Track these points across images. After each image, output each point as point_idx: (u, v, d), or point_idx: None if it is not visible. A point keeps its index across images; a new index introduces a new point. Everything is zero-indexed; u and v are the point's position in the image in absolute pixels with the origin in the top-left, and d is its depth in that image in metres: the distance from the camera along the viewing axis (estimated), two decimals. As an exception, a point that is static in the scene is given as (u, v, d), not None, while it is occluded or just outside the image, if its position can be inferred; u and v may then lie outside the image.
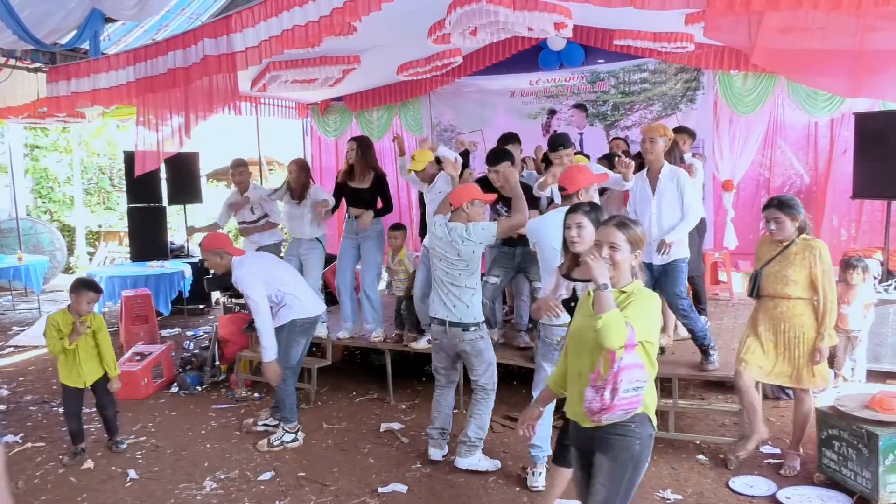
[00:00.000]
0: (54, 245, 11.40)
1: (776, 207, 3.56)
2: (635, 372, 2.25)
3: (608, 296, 2.25)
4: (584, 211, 2.93)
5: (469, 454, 3.95)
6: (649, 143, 4.30)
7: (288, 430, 4.46)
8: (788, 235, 3.55)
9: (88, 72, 4.85)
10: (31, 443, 4.60)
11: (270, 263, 4.54)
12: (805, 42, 3.52)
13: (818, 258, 3.48)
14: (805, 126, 6.61)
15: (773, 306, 3.63)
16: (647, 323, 2.34)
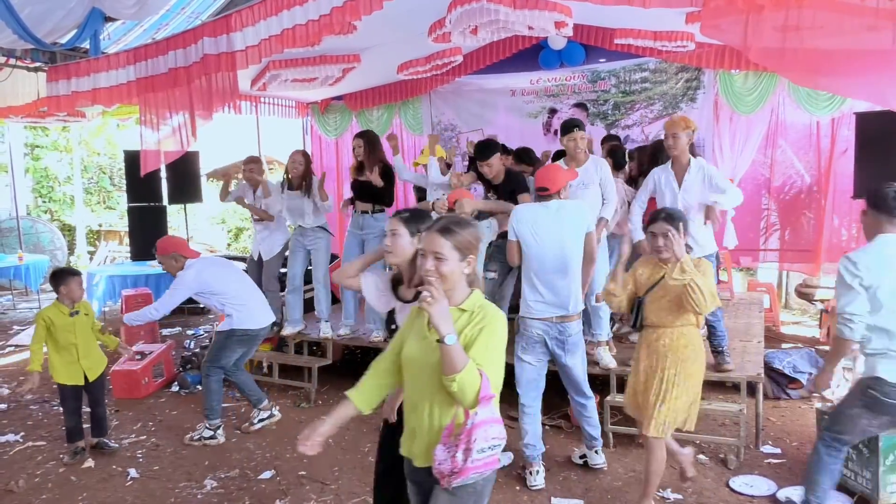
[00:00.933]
0: (55, 244, 11.41)
1: (665, 220, 3.07)
2: (492, 428, 1.94)
3: (457, 351, 1.89)
4: (401, 217, 2.55)
5: None
6: (672, 140, 4.21)
7: (207, 427, 4.50)
8: (681, 253, 3.04)
9: (88, 71, 4.85)
10: (31, 441, 4.61)
11: (219, 273, 4.48)
12: (803, 41, 3.51)
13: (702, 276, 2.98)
14: (806, 126, 6.60)
15: (656, 338, 3.18)
16: (499, 358, 2.02)
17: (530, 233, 3.64)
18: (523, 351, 3.74)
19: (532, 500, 3.63)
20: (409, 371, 2.13)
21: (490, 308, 2.06)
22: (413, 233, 2.48)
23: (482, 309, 2.06)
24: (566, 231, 3.64)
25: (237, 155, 15.99)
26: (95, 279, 7.65)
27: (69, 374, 4.19)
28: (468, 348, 1.94)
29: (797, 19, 3.41)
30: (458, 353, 1.89)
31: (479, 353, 1.95)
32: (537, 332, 3.67)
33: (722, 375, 4.30)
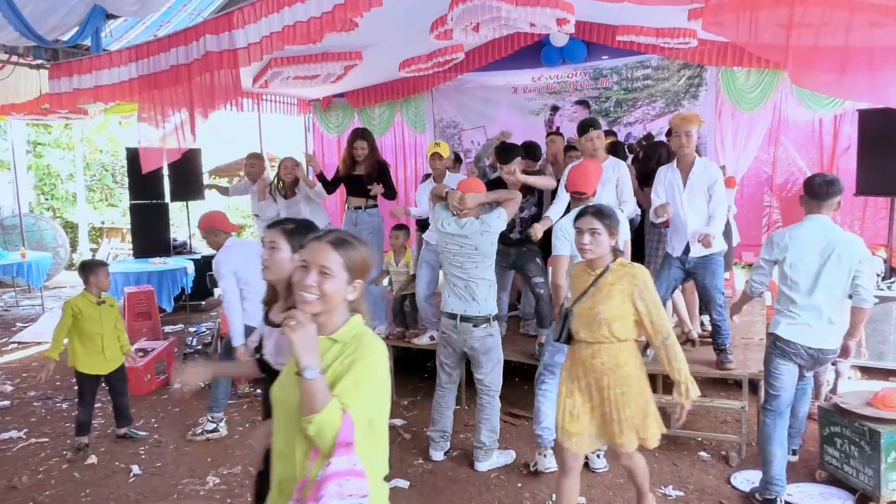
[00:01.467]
0: (57, 242, 11.43)
1: (593, 215, 2.79)
2: (350, 483, 1.59)
3: (318, 387, 1.59)
4: (283, 229, 2.22)
5: (487, 456, 3.97)
6: (685, 138, 4.08)
7: (210, 420, 4.52)
8: (602, 254, 2.80)
9: (90, 68, 4.87)
10: (34, 438, 4.62)
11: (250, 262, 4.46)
12: (806, 39, 3.49)
13: (641, 288, 2.73)
14: (808, 123, 6.59)
15: (591, 354, 2.82)
16: (372, 396, 1.69)
17: None
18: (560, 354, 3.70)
19: (533, 496, 3.64)
20: (276, 412, 1.81)
21: (367, 338, 1.75)
22: (295, 248, 2.16)
23: (357, 339, 1.73)
24: None
25: (239, 152, 16.03)
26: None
27: (92, 363, 4.25)
28: (335, 385, 1.65)
29: (801, 16, 3.40)
30: (319, 389, 1.59)
31: (346, 391, 1.63)
32: None
33: (724, 373, 4.30)
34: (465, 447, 4.19)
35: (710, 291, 4.25)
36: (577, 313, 2.84)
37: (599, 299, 2.78)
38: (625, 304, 2.74)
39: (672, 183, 4.24)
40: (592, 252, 2.78)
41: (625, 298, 2.74)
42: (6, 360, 6.65)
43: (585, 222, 2.79)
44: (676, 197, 4.22)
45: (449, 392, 4.09)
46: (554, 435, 3.70)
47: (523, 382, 5.16)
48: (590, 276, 2.85)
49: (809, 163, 6.67)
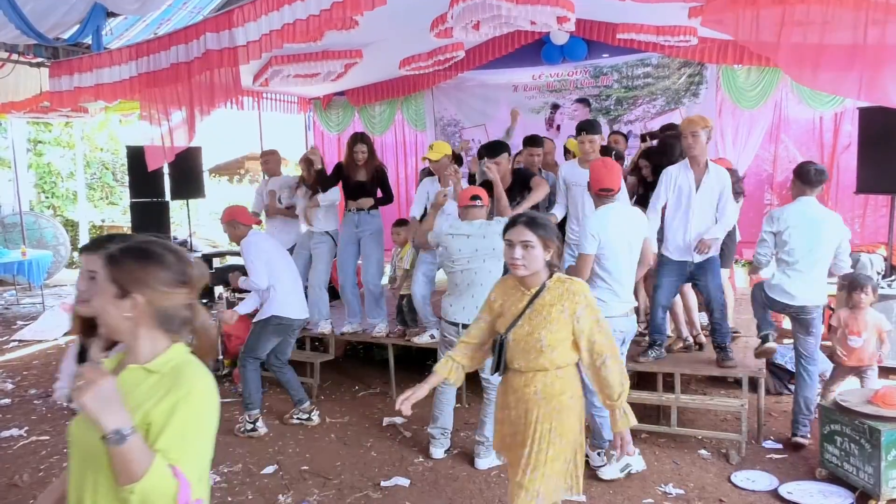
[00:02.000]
0: (58, 240, 11.43)
1: (525, 225, 2.38)
2: None
3: (132, 450, 1.28)
4: (106, 253, 1.54)
5: (488, 453, 3.96)
6: (692, 138, 4.08)
7: (247, 420, 4.53)
8: (536, 270, 2.40)
9: (91, 66, 4.87)
10: (35, 436, 4.63)
11: (276, 251, 4.57)
12: (807, 37, 3.49)
13: (583, 306, 2.37)
14: (809, 121, 6.59)
15: (524, 383, 2.44)
16: (202, 448, 1.44)
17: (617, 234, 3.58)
18: None
19: (534, 494, 3.64)
20: (72, 456, 1.48)
21: (188, 370, 1.45)
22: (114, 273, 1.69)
23: (177, 371, 1.42)
24: (633, 232, 3.66)
25: (240, 150, 16.05)
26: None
27: None
28: (154, 434, 1.34)
29: (802, 14, 3.40)
30: (134, 451, 1.27)
31: (172, 445, 1.33)
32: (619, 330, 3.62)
33: (724, 371, 4.30)
34: (466, 445, 4.20)
35: (711, 291, 4.25)
36: (514, 340, 2.43)
37: (539, 323, 2.38)
38: (566, 327, 2.37)
39: (683, 184, 4.19)
40: (525, 268, 2.38)
41: (566, 320, 2.37)
42: (7, 359, 6.66)
43: (516, 233, 2.38)
44: (685, 199, 4.18)
45: (449, 389, 4.08)
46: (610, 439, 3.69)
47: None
48: (524, 296, 2.45)
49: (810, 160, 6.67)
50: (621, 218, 3.65)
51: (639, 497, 3.57)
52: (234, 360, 5.81)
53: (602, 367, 2.37)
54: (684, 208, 4.19)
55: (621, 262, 3.61)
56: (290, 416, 4.73)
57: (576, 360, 2.46)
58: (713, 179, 4.14)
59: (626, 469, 3.73)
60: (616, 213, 3.65)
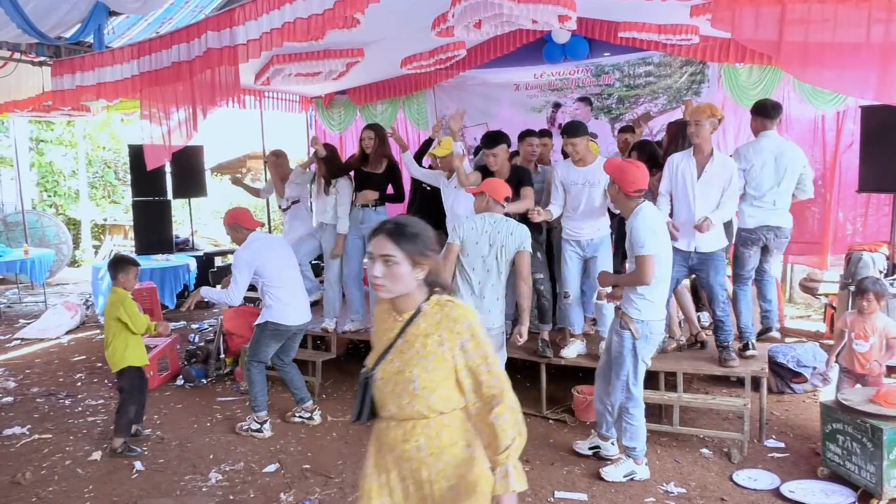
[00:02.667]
0: (60, 238, 11.45)
1: (388, 236, 1.90)
2: None
3: None
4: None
5: None
6: (695, 126, 4.12)
7: (254, 420, 4.53)
8: (403, 292, 1.93)
9: (93, 65, 4.87)
10: (38, 434, 4.64)
11: (276, 257, 4.50)
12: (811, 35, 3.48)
13: (466, 337, 1.89)
14: (811, 119, 6.56)
15: (403, 437, 1.93)
16: None
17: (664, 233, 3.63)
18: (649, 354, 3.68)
19: (536, 493, 3.64)
20: None
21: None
22: None
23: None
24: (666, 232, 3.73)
25: (242, 149, 16.07)
26: (100, 273, 7.68)
27: (140, 356, 4.35)
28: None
29: (804, 12, 3.39)
30: None
31: None
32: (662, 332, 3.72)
33: (726, 370, 4.30)
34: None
35: (714, 288, 4.25)
36: (382, 379, 1.95)
37: (411, 358, 1.90)
38: (445, 364, 1.88)
39: (685, 172, 4.20)
40: (387, 289, 1.90)
41: (444, 355, 1.88)
42: (9, 357, 6.67)
43: (377, 245, 1.90)
44: (689, 188, 4.19)
45: None
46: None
47: (526, 380, 5.16)
48: (395, 324, 1.97)
49: (812, 159, 6.64)
50: (662, 217, 3.74)
51: (640, 496, 3.57)
52: (236, 359, 5.83)
53: (491, 415, 1.85)
54: (686, 196, 4.19)
55: (669, 261, 3.65)
56: (291, 415, 4.73)
57: (459, 407, 1.93)
58: (717, 168, 4.13)
59: (629, 476, 3.73)
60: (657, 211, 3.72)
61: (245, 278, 4.30)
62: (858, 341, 3.93)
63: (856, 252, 5.35)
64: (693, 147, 4.21)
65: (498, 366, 1.91)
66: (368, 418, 2.01)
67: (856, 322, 3.95)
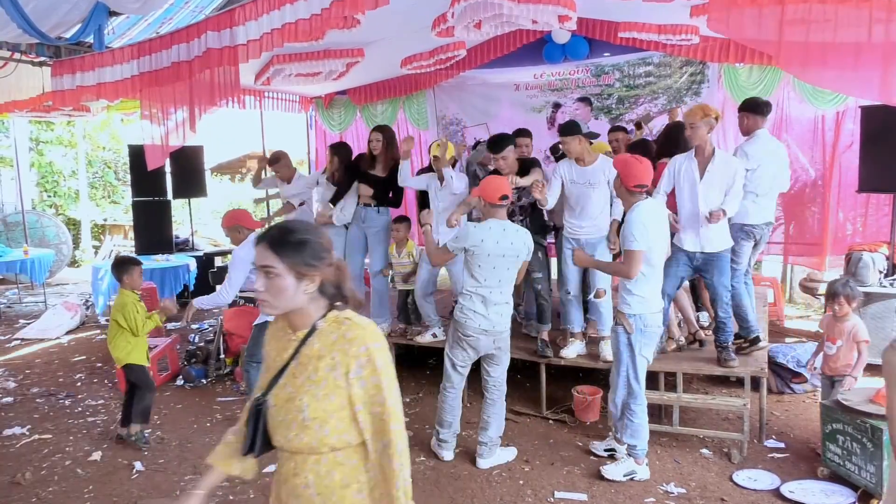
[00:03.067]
0: (60, 238, 11.45)
1: (268, 244, 1.66)
2: None
3: None
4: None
5: (491, 453, 3.99)
6: (690, 130, 4.14)
7: None
8: (290, 308, 1.70)
9: (93, 65, 4.87)
10: (37, 434, 4.64)
11: None
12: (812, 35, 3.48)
13: (363, 362, 1.64)
14: (811, 119, 6.57)
15: (293, 471, 1.69)
16: None
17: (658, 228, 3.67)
18: (646, 347, 3.69)
19: (536, 493, 3.64)
20: None
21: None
22: None
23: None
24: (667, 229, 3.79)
25: (242, 149, 16.07)
26: (100, 273, 7.68)
27: (144, 355, 4.41)
28: None
29: (805, 12, 3.39)
30: None
31: None
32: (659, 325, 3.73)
33: (726, 370, 4.30)
34: (467, 445, 4.20)
35: (718, 289, 4.24)
36: (275, 406, 1.70)
37: (302, 384, 1.66)
38: (339, 392, 1.63)
39: (688, 173, 4.21)
40: (269, 305, 1.68)
41: (337, 381, 1.63)
42: (9, 357, 6.67)
43: (258, 255, 1.68)
44: (690, 188, 4.19)
45: (457, 391, 4.04)
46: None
47: (525, 380, 5.16)
48: (290, 343, 1.73)
49: (812, 160, 6.65)
50: (661, 214, 3.76)
51: (640, 496, 3.57)
52: (236, 359, 5.83)
53: (384, 453, 1.64)
54: (690, 197, 4.19)
55: (662, 256, 3.72)
56: None
57: (358, 442, 1.67)
58: (719, 167, 4.12)
59: (629, 475, 3.73)
60: (656, 207, 3.74)
61: (240, 276, 4.29)
62: (828, 343, 3.99)
63: (856, 252, 5.35)
64: (694, 148, 4.21)
65: (393, 399, 1.65)
66: (262, 451, 1.73)
67: (830, 325, 4.01)
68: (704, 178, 4.14)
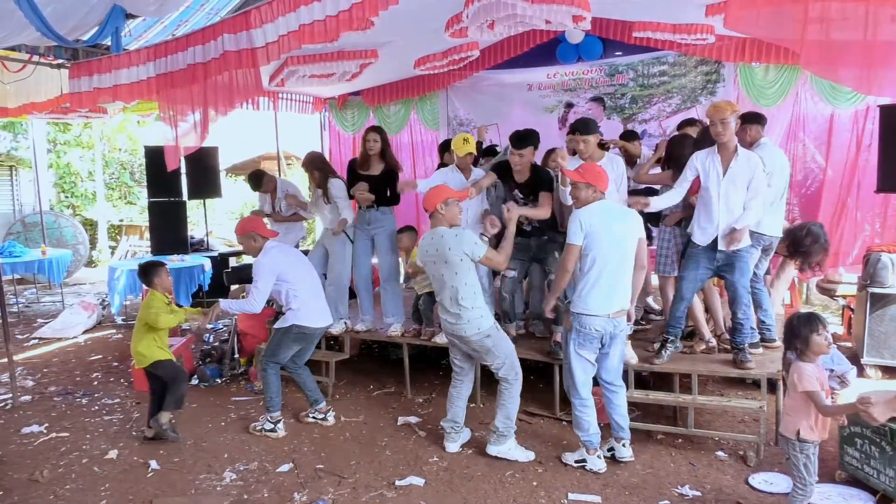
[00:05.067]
0: (77, 239, 11.59)
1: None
2: None
3: None
4: None
5: (498, 442, 4.01)
6: (721, 126, 4.01)
7: (268, 420, 4.55)
8: None
9: (110, 67, 4.91)
10: (55, 433, 4.69)
11: (295, 262, 4.57)
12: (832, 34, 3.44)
13: None
14: (828, 119, 6.50)
15: None
16: None
17: (604, 228, 3.68)
18: (581, 347, 3.78)
19: (549, 495, 3.63)
20: None
21: None
22: None
23: None
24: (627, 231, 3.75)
25: (256, 150, 16.18)
26: (116, 273, 7.76)
27: (167, 350, 4.52)
28: None
29: (823, 11, 3.35)
30: None
31: None
32: (596, 328, 3.73)
33: (742, 372, 4.26)
34: (481, 445, 4.19)
35: (738, 290, 4.19)
36: None
37: None
38: None
39: (710, 169, 4.16)
40: None
41: None
42: (27, 356, 6.75)
43: None
44: (713, 185, 4.14)
45: (463, 385, 4.17)
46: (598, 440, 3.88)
47: (539, 381, 5.15)
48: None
49: (829, 159, 6.57)
50: (611, 214, 3.74)
51: (654, 498, 3.55)
52: (250, 359, 5.86)
53: None
54: (712, 194, 4.14)
55: (608, 257, 3.68)
56: (305, 415, 4.76)
57: None
58: (742, 164, 4.07)
59: (580, 463, 3.90)
60: (605, 208, 3.74)
61: (268, 285, 4.32)
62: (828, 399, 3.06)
63: (874, 253, 5.28)
64: (719, 146, 4.15)
65: None
66: None
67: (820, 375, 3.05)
68: (727, 175, 4.09)
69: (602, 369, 3.90)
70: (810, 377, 2.94)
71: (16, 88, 7.03)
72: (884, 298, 5.13)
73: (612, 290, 3.72)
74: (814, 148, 6.57)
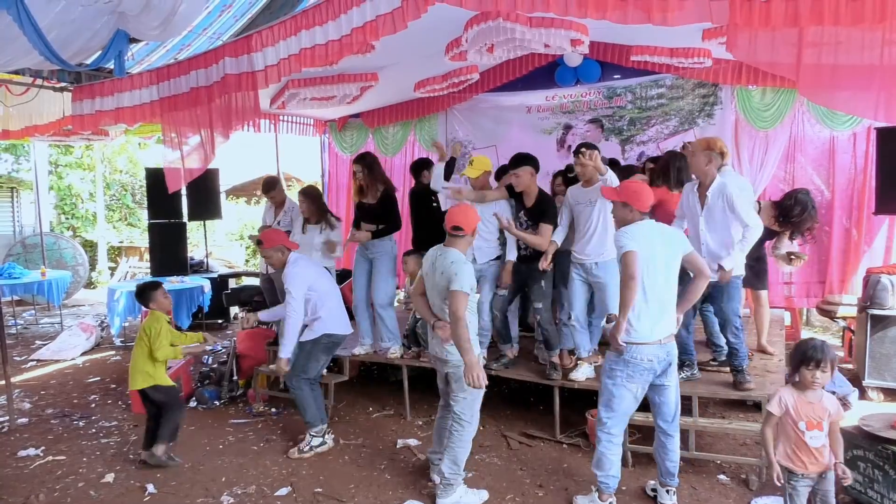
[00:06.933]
0: (77, 260, 11.59)
1: None
2: None
3: None
4: None
5: (446, 493, 3.69)
6: (690, 158, 4.22)
7: (314, 435, 4.53)
8: None
9: (112, 91, 4.96)
10: (51, 456, 4.65)
11: (319, 272, 4.70)
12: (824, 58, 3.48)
13: None
14: (825, 141, 6.54)
15: None
16: None
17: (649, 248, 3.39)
18: (629, 379, 3.44)
19: (550, 519, 3.59)
20: None
21: None
22: None
23: None
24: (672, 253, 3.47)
25: (257, 172, 16.28)
26: (116, 294, 7.75)
27: (166, 376, 4.48)
28: None
29: (818, 35, 3.40)
30: None
31: None
32: (648, 357, 3.40)
33: (742, 394, 4.24)
34: (478, 469, 4.15)
35: (727, 314, 4.21)
36: None
37: None
38: None
39: (693, 204, 4.24)
40: None
41: None
42: (25, 378, 6.72)
43: None
44: (695, 219, 4.21)
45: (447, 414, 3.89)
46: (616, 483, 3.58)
47: (538, 402, 5.12)
48: None
49: (826, 181, 6.59)
50: (654, 235, 3.46)
51: (657, 522, 3.51)
52: (249, 381, 5.83)
53: None
54: (696, 228, 4.21)
55: (655, 280, 3.39)
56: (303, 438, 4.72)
57: None
58: (716, 194, 4.10)
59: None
60: (647, 229, 3.47)
61: (302, 293, 4.44)
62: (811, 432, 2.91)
63: (874, 275, 5.29)
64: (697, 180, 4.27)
65: None
66: None
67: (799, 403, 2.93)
68: (706, 208, 4.17)
69: (659, 414, 3.60)
70: (777, 400, 2.97)
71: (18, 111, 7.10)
72: (884, 320, 5.13)
73: (661, 315, 3.42)
74: (811, 170, 6.60)
